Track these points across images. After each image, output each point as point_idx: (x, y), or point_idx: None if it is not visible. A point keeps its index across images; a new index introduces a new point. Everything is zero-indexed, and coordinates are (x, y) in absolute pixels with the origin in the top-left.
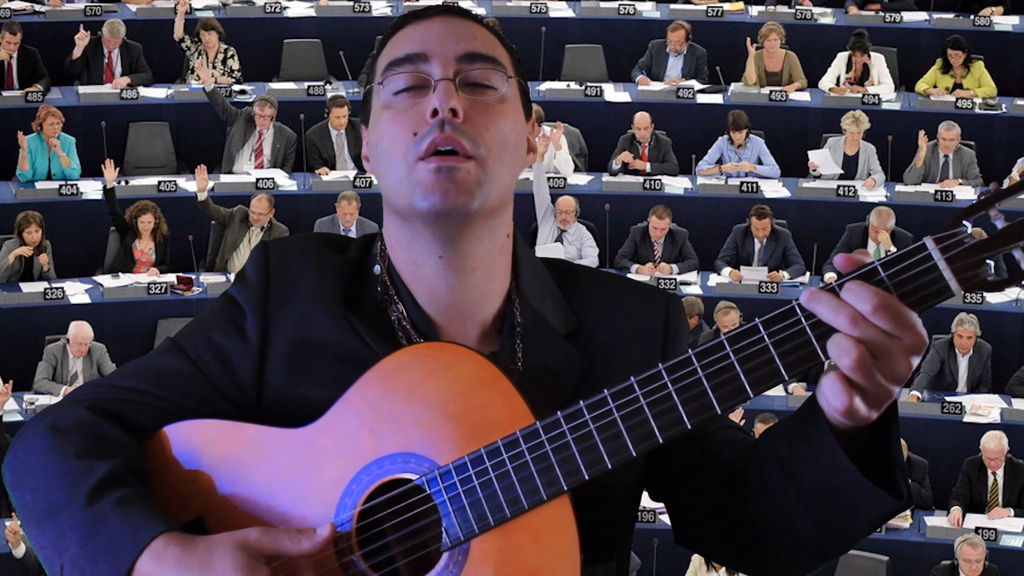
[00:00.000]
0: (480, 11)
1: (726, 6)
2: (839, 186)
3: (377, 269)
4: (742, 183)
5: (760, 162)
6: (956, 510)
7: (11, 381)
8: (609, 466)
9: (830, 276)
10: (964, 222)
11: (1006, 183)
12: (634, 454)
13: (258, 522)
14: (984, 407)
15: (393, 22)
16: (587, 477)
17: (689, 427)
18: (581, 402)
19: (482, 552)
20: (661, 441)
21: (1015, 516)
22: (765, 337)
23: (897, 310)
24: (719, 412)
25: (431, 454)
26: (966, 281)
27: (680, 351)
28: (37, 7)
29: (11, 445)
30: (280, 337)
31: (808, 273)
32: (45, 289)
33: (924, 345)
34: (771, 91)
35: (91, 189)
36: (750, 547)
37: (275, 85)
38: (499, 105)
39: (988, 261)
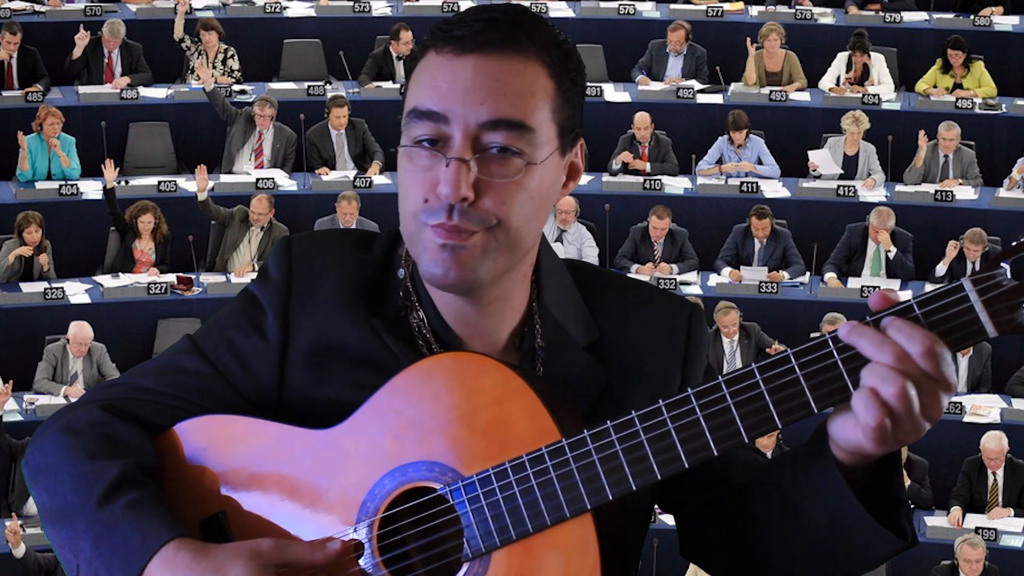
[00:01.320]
0: None
1: (726, 6)
2: (839, 186)
3: (401, 273)
4: (742, 183)
5: (760, 162)
6: (956, 510)
7: (11, 381)
8: (634, 487)
9: (830, 276)
10: (1002, 264)
11: (1006, 183)
12: (659, 478)
13: (279, 519)
14: (984, 407)
15: (435, 31)
16: (611, 497)
17: (716, 454)
18: (608, 422)
19: (503, 565)
20: (687, 466)
21: (1015, 516)
22: (796, 368)
23: (942, 356)
24: (746, 441)
25: (455, 464)
26: (1002, 325)
27: (700, 363)
28: (37, 7)
29: (30, 443)
30: (301, 337)
31: (808, 273)
32: (45, 289)
33: (955, 388)
34: (771, 91)
35: (91, 189)
36: (751, 569)
37: (275, 85)
38: (521, 176)
39: None
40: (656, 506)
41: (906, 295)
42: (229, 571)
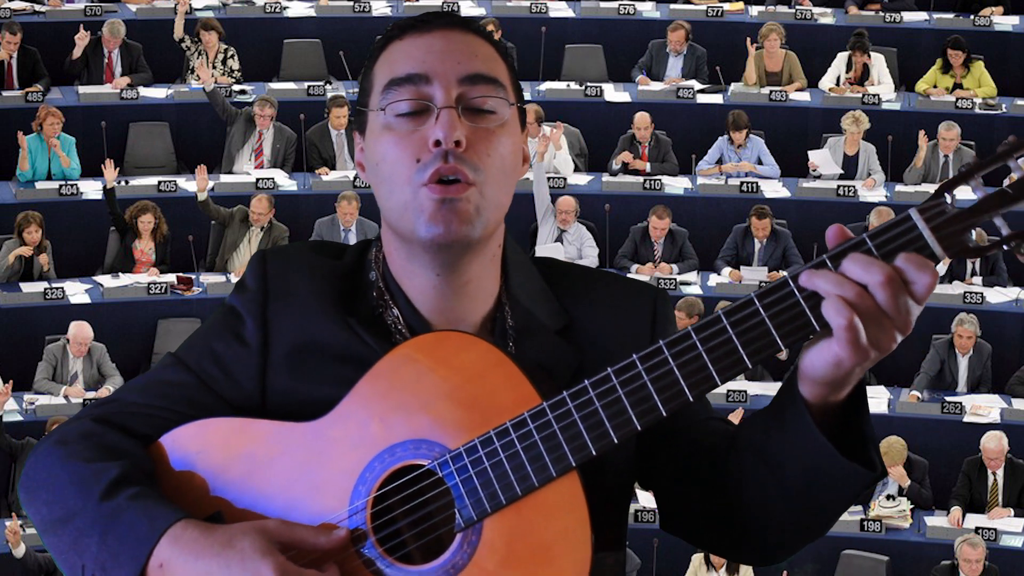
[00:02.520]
0: (480, 11)
1: (726, 6)
2: (839, 186)
3: (373, 275)
4: (742, 183)
5: (760, 162)
6: (956, 510)
7: (11, 381)
8: (615, 441)
9: None
10: (946, 194)
11: (1005, 184)
12: (639, 428)
13: (275, 513)
14: (984, 407)
15: (390, 30)
16: (594, 452)
17: (691, 399)
18: (586, 380)
19: (495, 531)
20: (664, 414)
21: (1015, 516)
22: (760, 310)
23: (899, 288)
24: (719, 383)
25: (442, 439)
26: (950, 247)
27: None
28: (37, 7)
29: (24, 464)
30: (280, 340)
31: None
32: (45, 289)
33: (908, 331)
34: (771, 91)
35: (91, 189)
36: (732, 532)
37: (275, 85)
38: (499, 129)
39: (970, 229)
40: (639, 486)
41: None
42: (237, 544)
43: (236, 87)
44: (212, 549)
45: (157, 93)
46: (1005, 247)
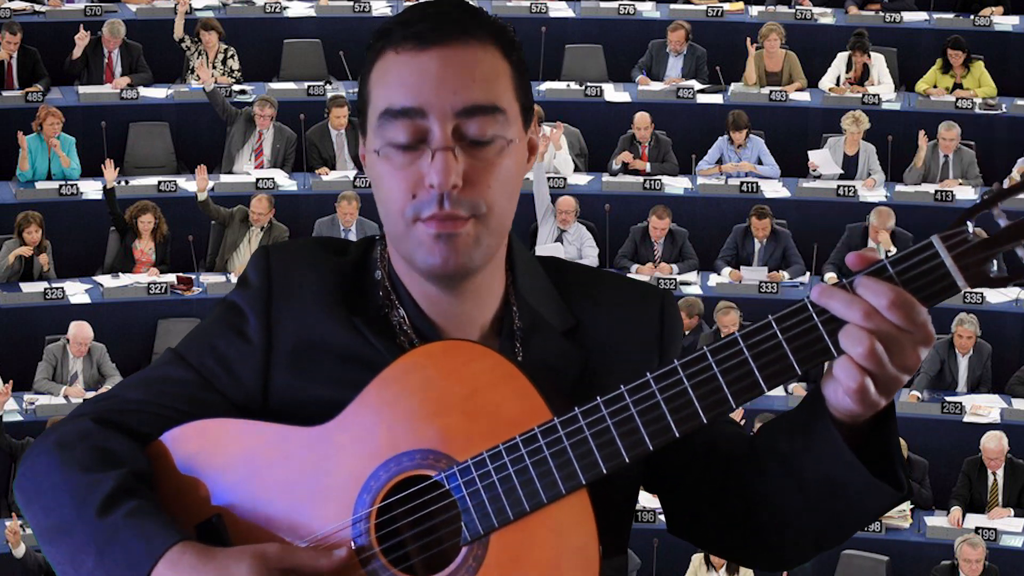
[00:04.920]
0: None
1: (726, 6)
2: (839, 186)
3: (378, 274)
4: (742, 183)
5: (760, 162)
6: (956, 510)
7: (11, 381)
8: (627, 460)
9: (830, 276)
10: (968, 221)
11: (1006, 182)
12: (651, 448)
13: (276, 518)
14: (984, 407)
15: (386, 30)
16: (605, 471)
17: (705, 422)
18: (598, 398)
19: (502, 546)
20: (678, 436)
21: (1015, 516)
22: (778, 333)
23: (911, 306)
24: (734, 407)
25: (449, 451)
26: (972, 277)
27: (676, 346)
28: (37, 7)
29: (20, 464)
30: (284, 338)
31: (808, 273)
32: (45, 289)
33: (933, 340)
34: (771, 91)
35: (91, 189)
36: (748, 537)
37: (275, 85)
38: (500, 158)
39: (992, 259)
40: (644, 489)
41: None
42: (235, 570)
43: (236, 87)
44: None
45: (157, 93)
46: None
